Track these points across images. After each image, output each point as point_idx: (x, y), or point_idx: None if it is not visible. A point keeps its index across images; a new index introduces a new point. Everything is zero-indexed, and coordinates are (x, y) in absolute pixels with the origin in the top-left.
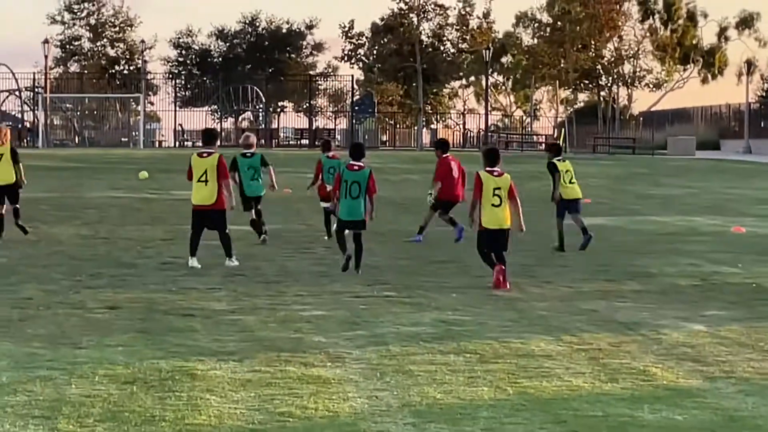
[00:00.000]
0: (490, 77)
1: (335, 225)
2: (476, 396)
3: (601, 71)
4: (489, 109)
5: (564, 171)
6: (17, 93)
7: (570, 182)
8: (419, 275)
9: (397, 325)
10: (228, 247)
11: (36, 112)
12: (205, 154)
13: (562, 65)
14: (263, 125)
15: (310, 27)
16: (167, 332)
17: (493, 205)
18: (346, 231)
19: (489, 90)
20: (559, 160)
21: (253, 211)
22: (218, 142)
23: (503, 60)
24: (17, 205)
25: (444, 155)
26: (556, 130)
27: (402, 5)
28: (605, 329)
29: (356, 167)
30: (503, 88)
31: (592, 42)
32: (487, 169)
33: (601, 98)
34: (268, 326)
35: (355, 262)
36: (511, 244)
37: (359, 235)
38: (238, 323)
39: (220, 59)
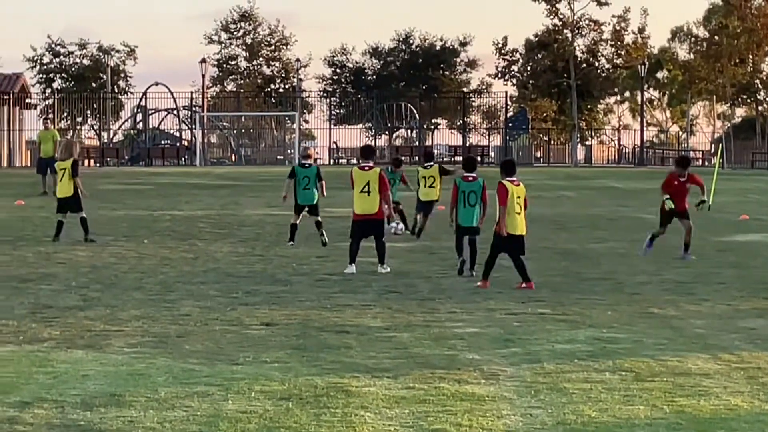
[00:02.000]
0: (645, 93)
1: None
2: (632, 414)
3: (759, 86)
4: (644, 124)
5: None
6: (176, 112)
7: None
8: (573, 292)
9: (552, 342)
10: (382, 255)
11: (193, 130)
12: (366, 168)
13: (718, 80)
14: (417, 142)
15: (463, 44)
16: (322, 349)
17: (516, 213)
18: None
19: (644, 105)
20: None
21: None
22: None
23: (659, 75)
24: (83, 215)
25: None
26: (712, 146)
27: (556, 21)
28: (764, 348)
29: (471, 178)
30: (659, 103)
31: (750, 56)
32: (508, 179)
33: (760, 113)
34: (422, 343)
35: (469, 264)
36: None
37: (474, 240)
38: (392, 340)
39: (374, 77)
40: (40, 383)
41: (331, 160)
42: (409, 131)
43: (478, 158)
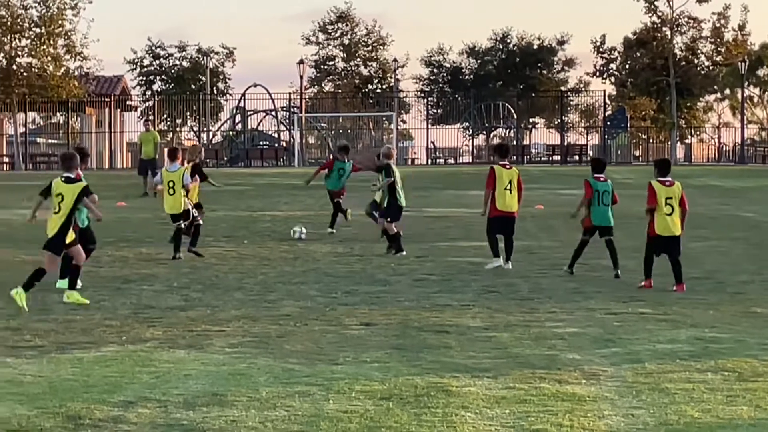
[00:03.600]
0: (746, 90)
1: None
2: (735, 415)
3: None
4: (745, 122)
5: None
6: (274, 113)
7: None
8: (674, 292)
9: (653, 342)
10: (510, 252)
11: (292, 131)
12: (508, 166)
13: None
14: (515, 141)
15: (561, 42)
16: (422, 349)
17: (665, 213)
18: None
19: (744, 103)
20: None
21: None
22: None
23: (759, 72)
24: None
25: None
26: None
27: (655, 19)
28: None
29: (602, 178)
30: (759, 101)
31: None
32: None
33: None
34: (522, 343)
35: (612, 263)
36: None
37: (611, 239)
38: (492, 340)
39: (472, 76)
40: (144, 383)
41: (429, 160)
42: (506, 131)
43: (576, 157)
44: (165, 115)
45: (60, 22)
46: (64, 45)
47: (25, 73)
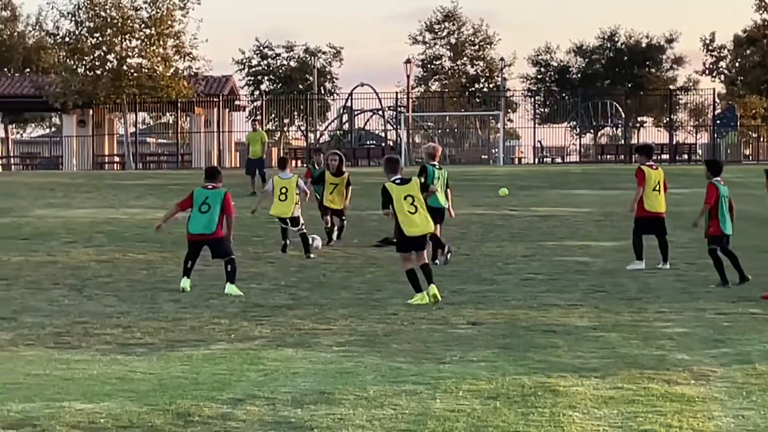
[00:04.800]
0: None
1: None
2: None
3: None
4: None
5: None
6: (381, 112)
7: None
8: None
9: (764, 342)
10: (666, 252)
11: (398, 130)
12: (654, 167)
13: None
14: (623, 140)
15: (670, 41)
16: (529, 348)
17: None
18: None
19: None
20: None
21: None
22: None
23: None
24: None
25: None
26: None
27: (766, 16)
28: None
29: (723, 182)
30: None
31: None
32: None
33: None
34: (630, 343)
35: (737, 270)
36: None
37: (727, 247)
38: (599, 340)
39: (579, 75)
40: (252, 380)
41: (536, 159)
42: (614, 129)
43: (684, 156)
44: (273, 115)
45: (169, 23)
46: (174, 45)
47: (135, 74)
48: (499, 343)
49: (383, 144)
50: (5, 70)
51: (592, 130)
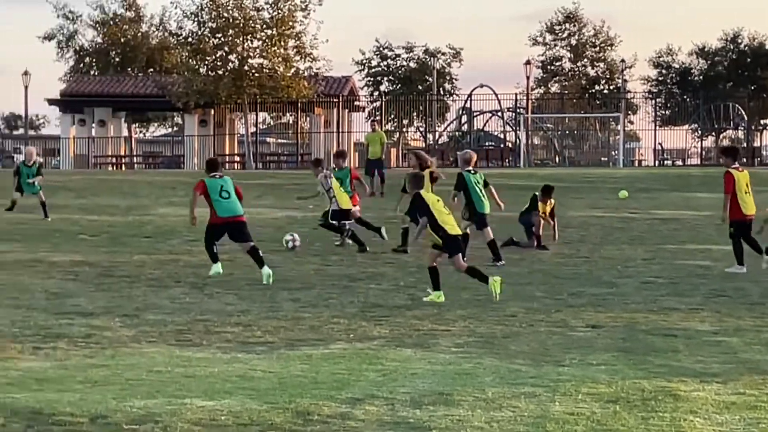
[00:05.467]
0: None
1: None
2: None
3: None
4: None
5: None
6: (500, 114)
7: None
8: None
9: None
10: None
11: (517, 132)
12: (740, 169)
13: None
14: (745, 143)
15: None
16: (649, 352)
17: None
18: None
19: None
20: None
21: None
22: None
23: None
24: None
25: None
26: None
27: None
28: None
29: (741, 168)
30: None
31: None
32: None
33: None
34: (752, 348)
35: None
36: None
37: None
38: (721, 344)
39: (701, 77)
40: (371, 380)
41: (656, 162)
42: (736, 132)
43: None
44: (392, 116)
45: (290, 23)
46: (295, 46)
47: (256, 74)
48: (619, 347)
49: (502, 145)
50: (129, 70)
51: (713, 133)
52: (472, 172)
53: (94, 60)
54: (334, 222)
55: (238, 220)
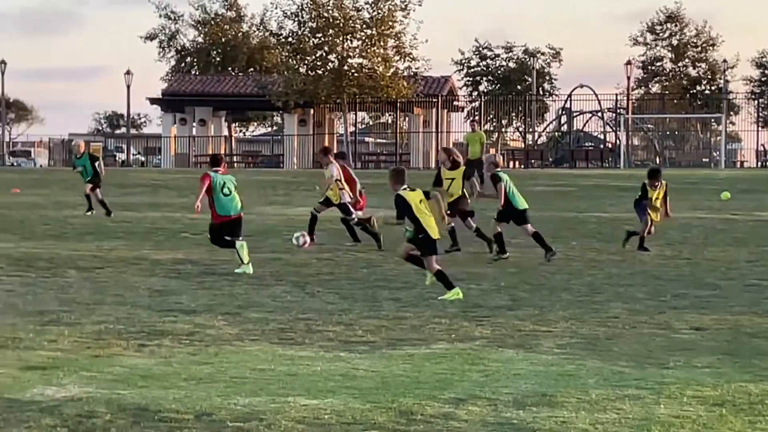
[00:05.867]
0: None
1: None
2: None
3: None
4: None
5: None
6: (599, 114)
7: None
8: None
9: None
10: None
11: (617, 132)
12: None
13: None
14: None
15: None
16: (755, 355)
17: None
18: None
19: None
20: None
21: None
22: None
23: None
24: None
25: None
26: None
27: None
28: None
29: None
30: None
31: None
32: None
33: None
34: None
35: None
36: None
37: None
38: None
39: None
40: (473, 381)
41: (758, 163)
42: None
43: None
44: (491, 116)
45: (390, 23)
46: (394, 46)
47: (355, 74)
48: (724, 350)
49: (602, 146)
50: (230, 69)
51: None
52: (502, 172)
53: (195, 59)
54: (353, 217)
55: (236, 218)
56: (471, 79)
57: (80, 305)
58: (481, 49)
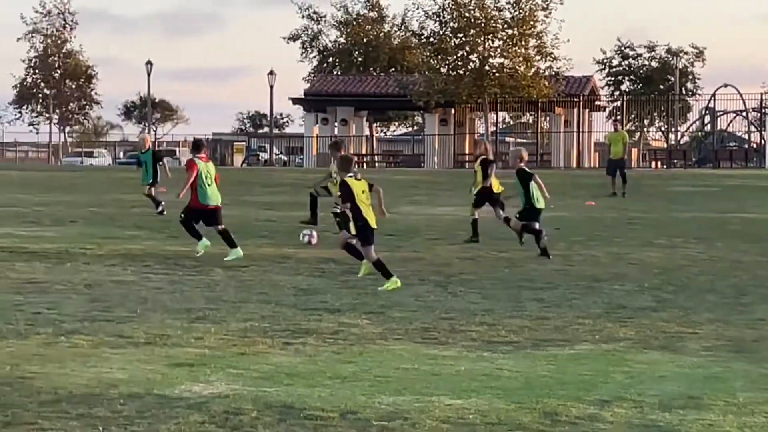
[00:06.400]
0: None
1: None
2: None
3: None
4: None
5: None
6: (744, 114)
7: None
8: None
9: None
10: None
11: (762, 132)
12: None
13: None
14: None
15: None
16: None
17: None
18: None
19: None
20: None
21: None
22: None
23: None
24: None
25: None
26: None
27: None
28: None
29: None
30: None
31: None
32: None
33: None
34: None
35: None
36: None
37: None
38: None
39: None
40: (618, 382)
41: None
42: None
43: None
44: (632, 115)
45: (532, 23)
46: (536, 46)
47: (497, 74)
48: None
49: (746, 146)
50: (371, 69)
51: None
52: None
53: (337, 60)
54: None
55: (215, 208)
56: (613, 78)
57: (226, 303)
58: (623, 48)
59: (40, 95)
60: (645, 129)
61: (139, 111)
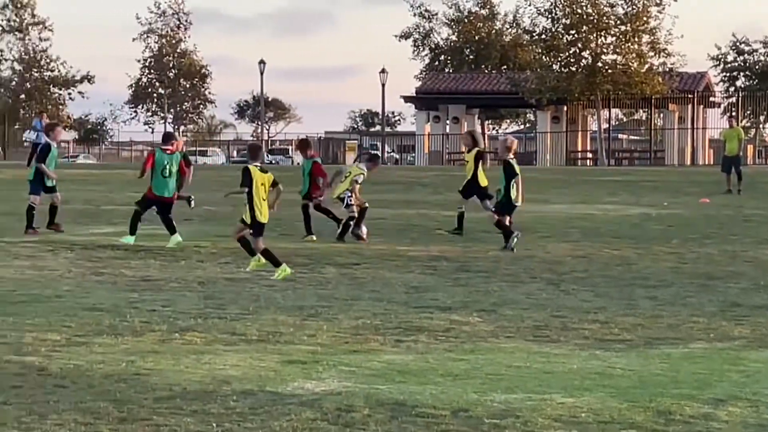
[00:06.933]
0: None
1: None
2: None
3: None
4: None
5: None
6: None
7: None
8: None
9: None
10: None
11: None
12: None
13: None
14: None
15: None
16: None
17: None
18: None
19: None
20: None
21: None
22: None
23: None
24: None
25: None
26: None
27: None
28: None
29: None
30: None
31: None
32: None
33: None
34: None
35: None
36: None
37: None
38: None
39: None
40: (733, 381)
41: None
42: None
43: None
44: (748, 112)
45: (645, 19)
46: (649, 42)
47: (609, 70)
48: None
49: None
50: (483, 67)
51: None
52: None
53: (448, 58)
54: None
55: (167, 201)
56: (728, 74)
57: (338, 301)
58: (738, 43)
59: (155, 95)
60: (761, 125)
61: (252, 110)
